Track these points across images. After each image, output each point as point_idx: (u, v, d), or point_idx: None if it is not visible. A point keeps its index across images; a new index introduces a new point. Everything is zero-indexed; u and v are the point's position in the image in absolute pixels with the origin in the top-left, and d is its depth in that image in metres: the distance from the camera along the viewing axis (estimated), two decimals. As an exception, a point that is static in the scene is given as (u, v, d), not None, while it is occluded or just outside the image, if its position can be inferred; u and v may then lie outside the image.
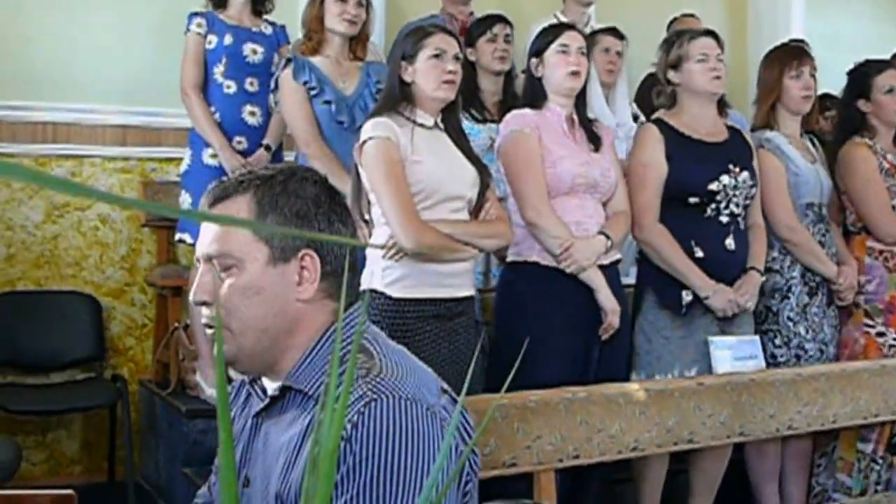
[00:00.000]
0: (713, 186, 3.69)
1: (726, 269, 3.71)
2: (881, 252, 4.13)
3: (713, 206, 3.70)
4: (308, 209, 1.59)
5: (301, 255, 1.58)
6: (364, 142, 3.19)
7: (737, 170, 3.74)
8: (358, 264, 1.80)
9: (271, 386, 1.65)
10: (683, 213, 3.69)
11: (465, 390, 1.03)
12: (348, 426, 1.43)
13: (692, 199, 3.69)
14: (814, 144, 4.19)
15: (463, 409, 1.56)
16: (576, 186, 3.50)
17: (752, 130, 4.15)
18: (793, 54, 4.07)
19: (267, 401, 1.65)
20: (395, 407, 1.46)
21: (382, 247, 3.10)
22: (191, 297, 1.63)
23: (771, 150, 3.98)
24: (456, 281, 3.28)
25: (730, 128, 3.90)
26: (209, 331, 1.63)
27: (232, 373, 4.41)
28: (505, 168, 3.57)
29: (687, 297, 3.66)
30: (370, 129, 3.20)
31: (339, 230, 1.62)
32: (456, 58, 3.28)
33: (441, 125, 3.32)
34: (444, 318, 3.22)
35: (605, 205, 3.62)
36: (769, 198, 3.97)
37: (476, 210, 3.34)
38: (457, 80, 3.28)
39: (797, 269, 3.98)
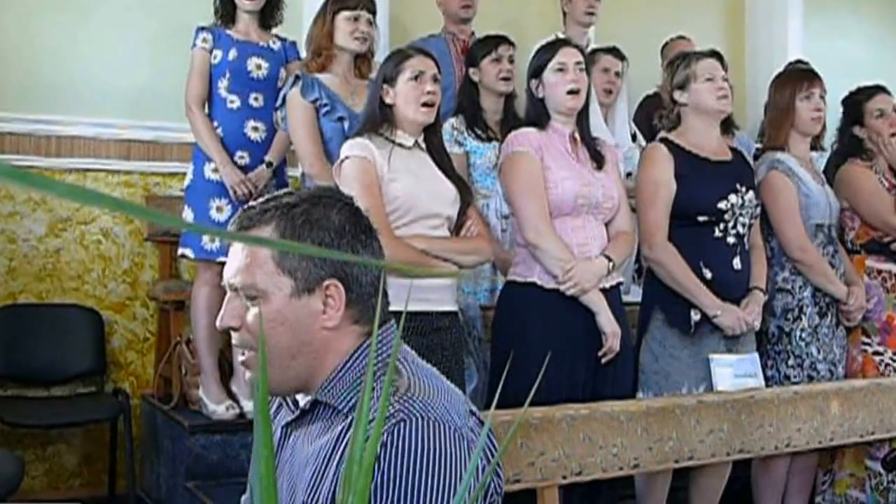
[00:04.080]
0: (722, 205, 3.72)
1: (733, 289, 3.75)
2: (879, 272, 4.20)
3: (721, 225, 3.73)
4: (331, 240, 1.60)
5: (325, 286, 1.60)
6: (342, 161, 3.29)
7: (743, 189, 3.78)
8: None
9: (302, 398, 1.68)
10: (692, 233, 3.72)
11: (488, 406, 1.06)
12: (377, 445, 1.45)
13: (701, 218, 3.72)
14: (815, 166, 4.25)
15: (489, 432, 1.59)
16: (578, 207, 3.52)
17: (763, 151, 4.20)
18: (803, 76, 4.15)
19: (297, 412, 1.67)
20: (423, 428, 1.48)
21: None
22: (218, 323, 1.65)
23: (783, 171, 4.04)
24: (435, 296, 3.32)
25: (732, 149, 3.95)
26: (242, 356, 1.65)
27: (241, 386, 4.39)
28: (506, 188, 3.60)
29: (695, 316, 3.68)
30: (347, 148, 3.31)
31: (364, 258, 1.65)
32: (434, 79, 3.37)
33: (422, 145, 3.40)
34: (423, 334, 3.25)
35: (607, 225, 3.65)
36: (781, 219, 4.02)
37: (457, 228, 3.39)
38: (436, 101, 3.37)
39: (808, 289, 4.04)
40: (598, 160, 3.62)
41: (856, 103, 4.37)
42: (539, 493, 3.06)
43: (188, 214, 4.33)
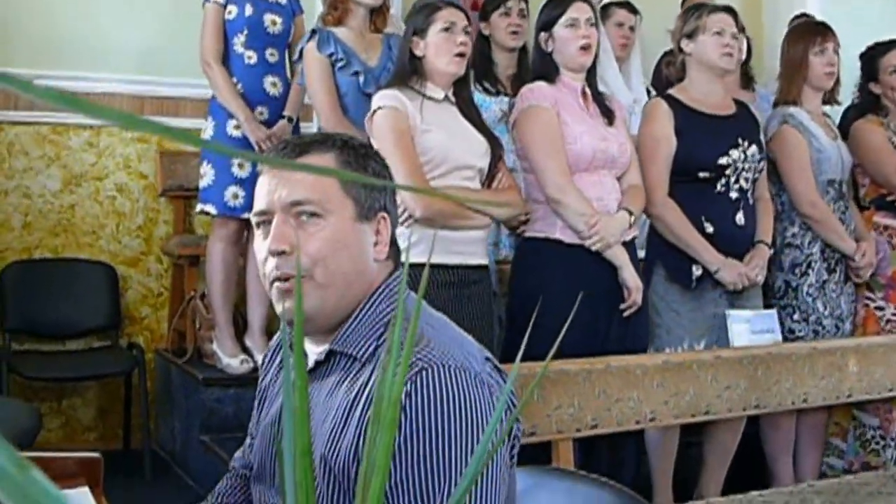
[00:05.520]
0: (723, 161, 3.72)
1: (736, 243, 3.75)
2: (886, 227, 4.21)
3: (723, 180, 3.73)
4: (385, 174, 1.66)
5: (379, 217, 1.62)
6: (374, 112, 3.28)
7: (745, 144, 3.77)
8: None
9: (314, 350, 1.64)
10: (693, 189, 3.72)
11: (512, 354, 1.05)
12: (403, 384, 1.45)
13: (702, 174, 3.72)
14: (831, 120, 4.22)
15: (505, 377, 1.58)
16: (595, 162, 3.51)
17: (775, 106, 4.18)
18: (816, 31, 4.12)
19: (312, 365, 1.64)
20: (445, 375, 1.47)
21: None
22: (270, 247, 1.57)
23: (794, 125, 4.02)
24: (469, 249, 3.32)
25: (737, 102, 3.93)
26: (281, 284, 1.57)
27: (255, 341, 4.41)
28: (523, 143, 3.56)
29: (697, 271, 3.69)
30: (379, 99, 3.29)
31: (396, 198, 1.69)
32: (465, 31, 3.34)
33: (452, 98, 3.38)
34: (456, 286, 3.25)
35: (619, 180, 3.63)
36: (792, 174, 4.01)
37: (488, 180, 3.38)
38: (467, 53, 3.35)
39: (817, 245, 4.03)
40: (608, 115, 3.59)
41: (871, 59, 4.35)
42: (554, 445, 3.07)
43: (208, 170, 4.33)
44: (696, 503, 3.45)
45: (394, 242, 1.67)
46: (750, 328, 3.61)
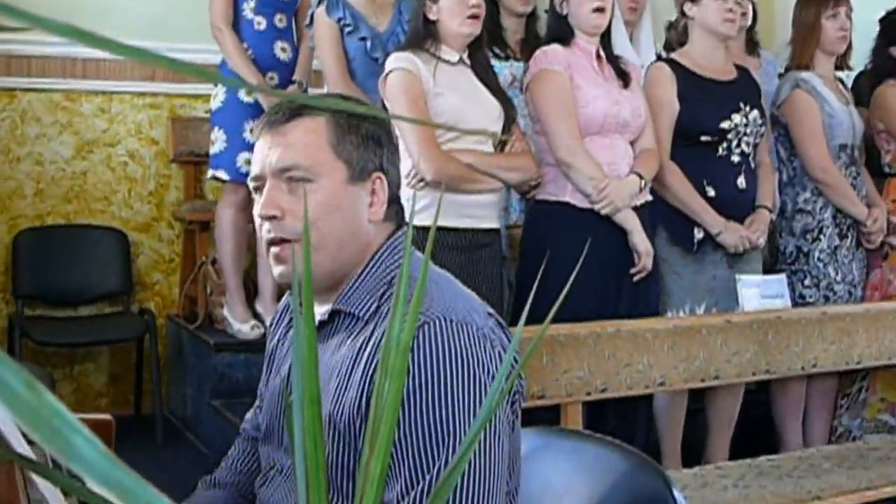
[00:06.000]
0: (725, 125, 3.73)
1: (737, 207, 3.77)
2: None
3: (724, 144, 3.74)
4: (381, 134, 1.64)
5: (374, 178, 1.62)
6: (387, 74, 3.28)
7: (747, 108, 3.77)
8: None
9: (317, 311, 1.63)
10: (695, 152, 3.72)
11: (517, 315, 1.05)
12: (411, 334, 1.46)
13: (704, 138, 3.73)
14: (844, 85, 4.20)
15: (508, 333, 1.59)
16: (607, 126, 3.50)
17: (786, 70, 4.16)
18: None
19: (316, 325, 1.64)
20: (447, 329, 1.48)
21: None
22: (260, 212, 1.61)
23: (806, 90, 4.00)
24: (480, 212, 3.32)
25: (738, 67, 3.92)
26: (275, 248, 1.61)
27: (266, 306, 4.43)
28: (535, 106, 3.56)
29: (698, 234, 3.71)
30: (393, 62, 3.29)
31: (398, 157, 1.68)
32: None
33: (467, 61, 3.37)
34: (465, 250, 3.26)
35: (632, 144, 3.62)
36: (804, 139, 4.00)
37: (501, 144, 3.37)
38: (480, 14, 3.34)
39: (829, 210, 4.02)
40: (623, 78, 3.58)
41: (892, 23, 4.29)
42: (563, 408, 3.08)
43: (219, 136, 4.32)
44: (704, 467, 3.46)
45: (396, 201, 1.66)
46: (760, 293, 3.61)
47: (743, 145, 3.76)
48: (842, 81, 4.22)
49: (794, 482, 3.26)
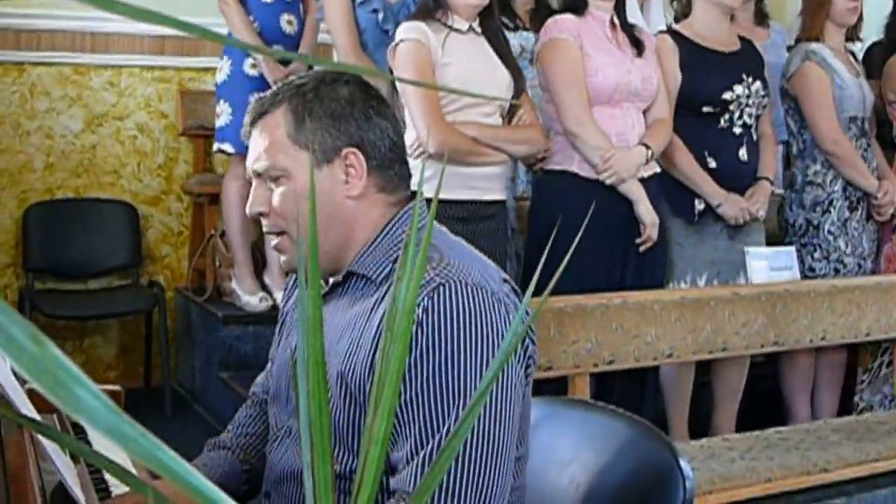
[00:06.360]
0: (727, 96, 3.71)
1: (739, 178, 3.75)
2: None
3: (726, 116, 3.72)
4: (342, 109, 1.64)
5: (344, 154, 1.63)
6: (396, 45, 3.26)
7: (750, 80, 3.75)
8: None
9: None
10: (697, 124, 3.71)
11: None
12: (419, 310, 1.47)
13: (706, 109, 3.71)
14: (854, 57, 4.17)
15: (518, 298, 1.60)
16: (617, 95, 3.49)
17: (796, 42, 4.13)
18: None
19: (329, 287, 1.68)
20: (462, 292, 1.50)
21: None
22: (247, 210, 1.69)
23: (817, 62, 3.97)
24: (484, 184, 3.31)
25: (741, 38, 3.89)
26: (274, 240, 1.68)
27: (274, 278, 4.43)
28: (545, 76, 3.55)
29: (699, 205, 3.70)
30: (402, 32, 3.27)
31: (379, 124, 1.65)
32: None
33: (477, 30, 3.34)
34: (469, 221, 3.24)
35: (644, 113, 3.61)
36: (814, 111, 3.97)
37: (510, 115, 3.36)
38: None
39: (839, 183, 4.00)
40: (637, 46, 3.56)
41: None
42: (570, 380, 3.09)
43: (225, 109, 4.33)
44: (711, 439, 3.47)
45: (391, 167, 1.66)
46: (769, 265, 3.60)
47: (745, 117, 3.75)
48: (852, 53, 4.19)
49: (801, 454, 3.26)
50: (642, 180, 3.50)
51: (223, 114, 4.33)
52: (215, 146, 4.44)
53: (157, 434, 0.50)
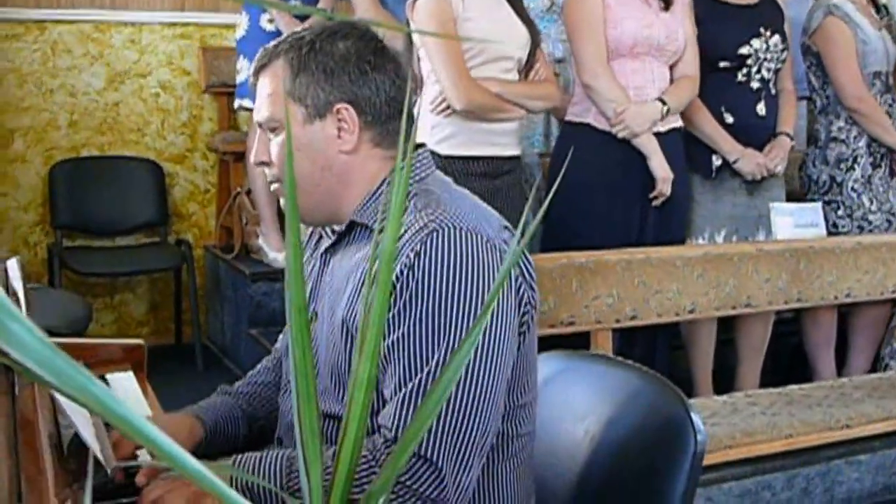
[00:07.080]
0: (744, 50, 3.66)
1: (757, 134, 3.71)
2: None
3: (744, 70, 3.67)
4: (335, 65, 1.64)
5: (336, 109, 1.63)
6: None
7: (768, 33, 3.69)
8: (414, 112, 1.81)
9: (338, 227, 1.72)
10: (714, 78, 3.65)
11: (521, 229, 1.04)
12: (411, 254, 1.50)
13: (723, 64, 3.66)
14: (878, 11, 4.08)
15: (524, 249, 1.59)
16: (637, 48, 3.44)
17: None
18: None
19: (334, 238, 1.71)
20: (455, 237, 1.51)
21: None
22: (252, 159, 1.74)
23: (839, 16, 3.89)
24: (504, 140, 3.30)
25: None
26: (274, 185, 1.73)
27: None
28: (566, 28, 3.53)
29: (717, 161, 3.67)
30: None
31: (375, 79, 1.64)
32: None
33: None
34: (490, 177, 3.24)
35: (672, 68, 3.56)
36: (837, 66, 3.90)
37: (526, 71, 3.33)
38: None
39: (863, 139, 3.93)
40: (666, 0, 3.50)
41: None
42: (592, 335, 3.08)
43: (244, 64, 4.33)
44: (734, 395, 3.45)
45: (388, 122, 1.65)
46: (793, 221, 3.56)
47: (763, 71, 3.69)
48: (874, 4, 4.09)
49: (823, 411, 3.24)
50: (663, 134, 3.46)
51: (243, 69, 4.33)
52: (236, 102, 4.44)
53: (190, 389, 0.50)
